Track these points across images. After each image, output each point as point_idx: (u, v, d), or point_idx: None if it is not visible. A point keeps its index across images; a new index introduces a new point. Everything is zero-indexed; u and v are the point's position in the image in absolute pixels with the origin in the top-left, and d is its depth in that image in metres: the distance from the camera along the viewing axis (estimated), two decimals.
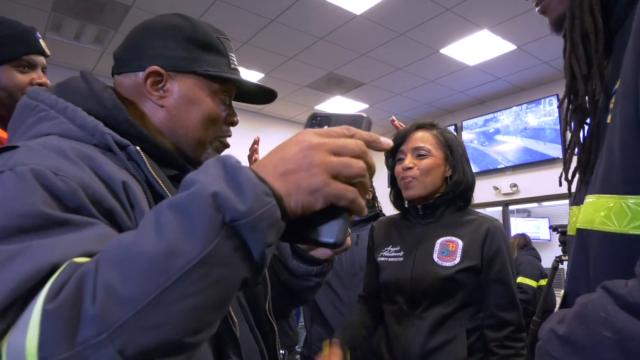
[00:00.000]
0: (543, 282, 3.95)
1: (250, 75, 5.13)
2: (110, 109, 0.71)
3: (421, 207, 1.40)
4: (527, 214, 7.06)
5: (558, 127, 5.25)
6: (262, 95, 0.91)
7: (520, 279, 3.86)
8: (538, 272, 4.07)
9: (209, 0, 3.81)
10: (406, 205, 1.46)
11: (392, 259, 1.40)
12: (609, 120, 0.60)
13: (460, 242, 1.32)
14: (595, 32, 0.65)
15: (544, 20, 1.02)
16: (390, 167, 1.46)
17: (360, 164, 0.51)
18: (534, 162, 5.47)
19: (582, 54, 0.67)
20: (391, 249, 1.42)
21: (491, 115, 5.98)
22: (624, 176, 0.53)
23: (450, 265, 1.28)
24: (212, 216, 0.44)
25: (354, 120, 0.58)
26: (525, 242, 4.57)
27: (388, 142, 0.59)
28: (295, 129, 7.04)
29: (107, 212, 0.58)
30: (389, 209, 1.97)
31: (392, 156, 1.46)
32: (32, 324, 0.42)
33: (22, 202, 0.51)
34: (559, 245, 2.69)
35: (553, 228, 2.65)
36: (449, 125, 6.45)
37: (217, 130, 0.82)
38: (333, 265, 0.96)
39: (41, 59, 1.35)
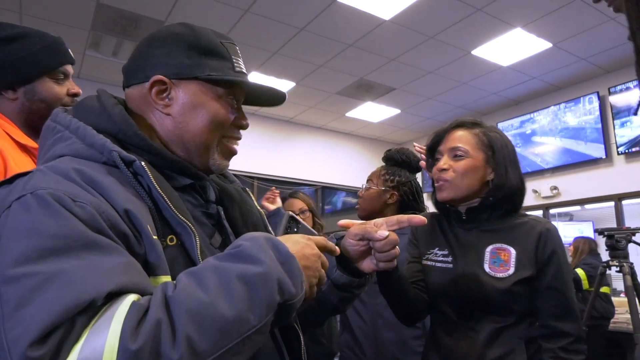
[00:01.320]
0: (605, 289, 3.73)
1: (282, 85, 5.17)
2: (120, 124, 0.74)
3: (465, 212, 1.29)
4: (569, 217, 6.80)
5: (599, 126, 5.05)
6: (273, 95, 0.90)
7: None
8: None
9: (238, 12, 3.88)
10: (447, 207, 1.35)
11: (439, 264, 1.28)
12: None
13: (512, 250, 1.20)
14: None
15: (580, 15, 1.00)
16: (430, 167, 1.37)
17: (325, 276, 0.74)
18: (574, 164, 5.27)
19: None
20: (438, 251, 1.31)
21: (527, 116, 5.82)
22: None
23: (504, 276, 1.17)
24: (274, 297, 0.58)
25: (312, 234, 0.78)
26: (590, 248, 4.28)
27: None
28: (327, 136, 7.05)
29: (123, 236, 0.61)
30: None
31: (431, 155, 1.37)
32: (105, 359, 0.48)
33: (50, 224, 0.55)
34: (606, 250, 2.56)
35: (599, 232, 2.53)
36: None
37: (223, 134, 0.82)
38: (373, 278, 0.96)
39: (71, 69, 1.37)
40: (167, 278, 0.64)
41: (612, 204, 5.00)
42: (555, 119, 5.51)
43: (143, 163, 0.69)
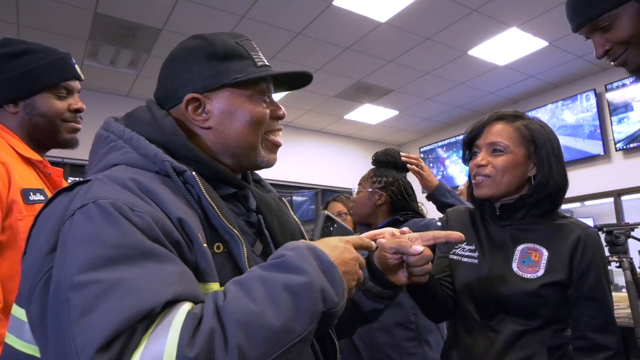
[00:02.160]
0: None
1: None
2: (170, 135, 0.76)
3: (499, 208, 1.22)
4: (570, 214, 6.81)
5: (597, 123, 5.07)
6: (299, 77, 0.91)
7: None
8: None
9: (235, 19, 3.90)
10: (481, 202, 1.30)
11: (465, 259, 1.23)
12: None
13: (545, 252, 1.14)
14: None
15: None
16: (468, 160, 1.31)
17: (362, 276, 0.75)
18: (573, 160, 5.28)
19: None
20: (466, 246, 1.26)
21: None
22: None
23: (532, 277, 1.11)
24: (318, 306, 0.60)
25: (349, 232, 0.79)
26: None
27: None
28: (326, 139, 7.07)
29: (176, 245, 0.64)
30: (432, 210, 1.94)
31: (469, 149, 1.31)
32: None
33: (112, 233, 0.58)
34: (606, 246, 2.58)
35: (598, 228, 2.54)
36: None
37: (265, 129, 0.84)
38: (402, 290, 0.98)
39: (77, 84, 1.38)
40: (216, 285, 0.66)
41: (611, 200, 5.02)
42: (553, 117, 5.53)
43: (194, 173, 0.72)
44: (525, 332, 1.12)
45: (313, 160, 6.85)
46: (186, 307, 0.55)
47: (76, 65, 1.39)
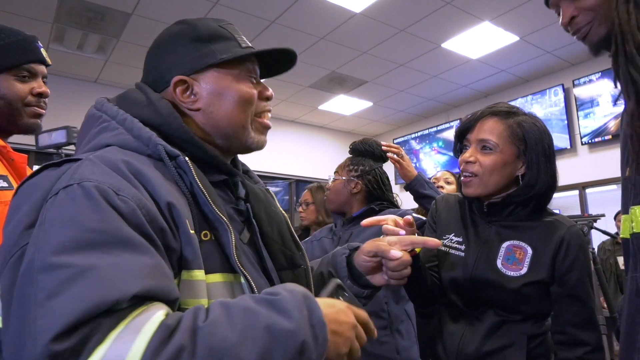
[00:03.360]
0: None
1: None
2: (166, 116, 0.76)
3: (486, 205, 1.22)
4: None
5: (565, 117, 5.21)
6: (283, 61, 0.91)
7: None
8: None
9: (208, 4, 3.82)
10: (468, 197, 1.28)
11: (453, 250, 1.24)
12: None
13: (529, 250, 1.14)
14: None
15: (545, 9, 1.03)
16: (459, 152, 1.28)
17: (359, 353, 0.69)
18: None
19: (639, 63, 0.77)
20: (453, 237, 1.25)
21: None
22: None
23: (515, 275, 1.12)
24: (293, 357, 0.57)
25: (358, 305, 0.75)
26: None
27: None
28: (300, 129, 7.04)
29: (160, 231, 0.63)
30: (406, 201, 1.95)
31: (460, 140, 1.27)
32: None
33: (91, 218, 0.57)
34: None
35: None
36: (455, 120, 6.42)
37: (254, 110, 0.83)
38: (380, 290, 0.99)
39: (42, 68, 1.33)
40: (200, 272, 0.66)
41: (576, 192, 5.18)
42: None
43: (187, 158, 0.72)
44: (506, 322, 1.14)
45: (287, 150, 6.81)
46: (160, 315, 0.54)
47: (42, 49, 1.33)
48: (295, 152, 6.94)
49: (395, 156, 1.89)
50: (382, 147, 1.85)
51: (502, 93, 5.93)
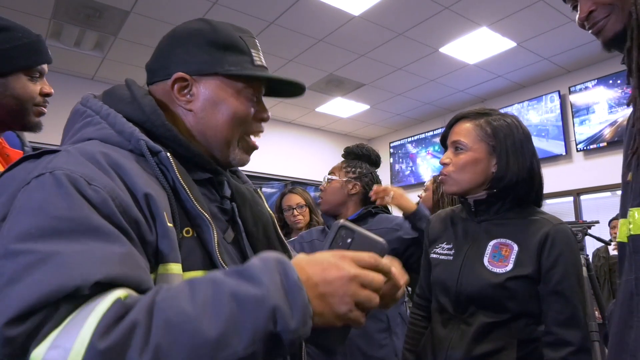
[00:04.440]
0: None
1: None
2: (149, 114, 0.75)
3: (473, 204, 1.27)
4: None
5: (560, 123, 5.23)
6: (291, 87, 0.91)
7: None
8: None
9: (207, 4, 3.82)
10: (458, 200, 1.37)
11: (443, 257, 1.29)
12: None
13: (515, 247, 1.18)
14: None
15: (543, 16, 1.04)
16: None
17: (377, 299, 0.60)
18: None
19: None
20: (444, 245, 1.31)
21: None
22: None
23: (500, 271, 1.15)
24: (265, 324, 0.52)
25: (375, 246, 0.65)
26: None
27: (403, 278, 0.73)
28: (297, 131, 7.04)
29: (133, 222, 0.61)
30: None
31: (445, 147, 1.37)
32: (74, 353, 0.47)
33: (58, 205, 0.56)
34: None
35: None
36: None
37: (246, 129, 0.83)
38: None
39: (46, 67, 1.34)
40: (177, 266, 0.65)
41: (571, 199, 5.20)
42: (519, 117, 5.66)
43: (168, 154, 0.71)
44: (495, 325, 1.15)
45: (283, 152, 6.81)
46: (116, 294, 0.52)
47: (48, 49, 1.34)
48: (292, 154, 6.93)
49: (387, 198, 1.74)
50: (371, 195, 1.76)
51: (499, 98, 5.95)
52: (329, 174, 1.89)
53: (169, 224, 0.65)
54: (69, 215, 0.55)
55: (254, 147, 0.86)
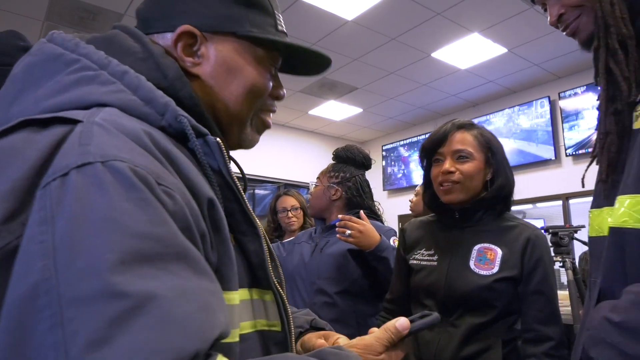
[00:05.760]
0: None
1: None
2: (172, 79, 0.57)
3: (458, 211, 1.31)
4: (523, 215, 7.09)
5: (550, 128, 5.29)
6: (311, 63, 0.76)
7: None
8: None
9: None
10: (440, 207, 1.38)
11: (425, 262, 1.32)
12: (636, 126, 0.65)
13: (499, 251, 1.23)
14: (630, 37, 0.71)
15: (533, 23, 1.06)
16: (426, 168, 1.38)
17: None
18: (527, 164, 5.51)
19: (622, 58, 0.71)
20: (424, 251, 1.34)
21: (484, 118, 6.02)
22: None
23: (487, 274, 1.21)
24: None
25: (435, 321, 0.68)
26: None
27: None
28: (290, 133, 7.06)
29: (201, 238, 0.46)
30: (387, 209, 1.97)
31: (428, 157, 1.37)
32: None
33: (138, 217, 0.38)
34: (551, 247, 2.71)
35: (545, 229, 2.67)
36: None
37: (261, 105, 0.68)
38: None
39: None
40: (237, 294, 0.53)
41: (560, 203, 5.26)
42: (510, 121, 5.73)
43: (218, 139, 0.55)
44: (481, 326, 1.20)
45: (276, 154, 6.82)
46: None
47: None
48: (285, 156, 6.95)
49: (347, 232, 1.59)
50: (337, 229, 1.63)
51: (490, 103, 6.01)
52: (316, 178, 1.91)
53: (231, 240, 0.52)
54: (154, 232, 0.39)
55: (268, 126, 0.72)
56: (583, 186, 0.90)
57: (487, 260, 1.23)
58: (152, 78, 0.55)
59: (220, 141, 0.55)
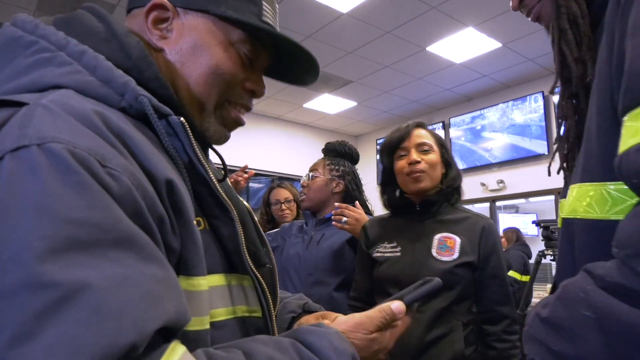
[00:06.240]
0: (525, 278, 4.02)
1: None
2: (136, 59, 0.54)
3: (419, 204, 1.43)
4: (515, 209, 7.14)
5: (544, 123, 5.32)
6: (299, 68, 0.72)
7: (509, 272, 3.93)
8: (522, 267, 4.15)
9: None
10: (401, 202, 1.50)
11: (388, 254, 1.41)
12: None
13: (458, 239, 1.35)
14: (581, 16, 0.68)
15: (528, 19, 1.04)
16: (388, 164, 1.48)
17: (389, 347, 0.65)
18: (520, 159, 5.53)
19: (571, 38, 0.69)
20: (387, 244, 1.43)
21: (478, 112, 6.04)
22: (602, 163, 0.53)
23: (449, 259, 1.32)
24: None
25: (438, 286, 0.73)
26: (517, 237, 4.63)
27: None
28: (284, 127, 7.04)
29: (159, 222, 0.44)
30: (377, 205, 1.98)
31: (390, 154, 1.47)
32: None
33: (74, 203, 0.36)
34: (542, 240, 2.74)
35: (537, 223, 2.70)
36: (437, 123, 6.50)
37: (229, 94, 0.63)
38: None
39: None
40: (204, 280, 0.50)
41: (552, 197, 5.30)
42: (504, 116, 5.75)
43: (182, 119, 0.52)
44: (443, 310, 1.30)
45: (270, 147, 6.81)
46: (178, 352, 0.38)
47: None
48: (279, 149, 6.94)
49: (344, 219, 1.64)
50: (334, 216, 1.68)
51: (484, 98, 6.02)
52: (310, 170, 1.90)
53: (194, 222, 0.49)
54: (91, 217, 0.36)
55: (237, 121, 0.67)
56: (549, 175, 0.88)
57: (447, 247, 1.34)
58: (115, 58, 0.53)
59: (185, 121, 0.52)
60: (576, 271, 0.58)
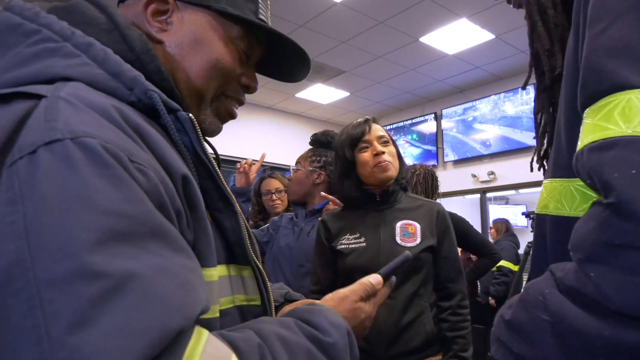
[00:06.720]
0: (516, 267, 4.06)
1: None
2: (139, 53, 0.54)
3: (379, 194, 1.47)
4: (505, 201, 7.20)
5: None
6: (291, 66, 0.75)
7: (502, 262, 3.96)
8: (515, 257, 4.20)
9: None
10: (361, 193, 1.53)
11: (353, 245, 1.43)
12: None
13: (417, 225, 1.43)
14: (553, 6, 0.66)
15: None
16: (350, 157, 1.47)
17: (373, 315, 0.73)
18: (511, 150, 5.57)
19: (542, 30, 0.68)
20: (350, 236, 1.46)
21: (470, 104, 6.06)
22: (571, 159, 0.50)
23: (413, 245, 1.38)
24: None
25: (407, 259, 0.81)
26: (506, 228, 4.67)
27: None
28: (276, 116, 7.01)
29: (177, 215, 0.46)
30: None
31: (352, 147, 1.48)
32: None
33: (112, 195, 0.37)
34: (531, 231, 2.76)
35: (526, 214, 2.72)
36: (429, 114, 6.51)
37: (225, 88, 0.66)
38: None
39: None
40: (215, 271, 0.52)
41: (542, 189, 5.34)
42: (495, 108, 5.77)
43: (190, 115, 0.53)
44: (413, 294, 1.37)
45: (262, 136, 6.78)
46: (207, 340, 0.40)
47: None
48: (271, 139, 6.91)
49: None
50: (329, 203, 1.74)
51: (476, 89, 6.04)
52: (295, 163, 1.90)
53: (207, 217, 0.51)
54: (128, 210, 0.38)
55: (231, 114, 0.69)
56: (531, 170, 0.88)
57: (410, 234, 1.41)
58: (118, 51, 0.52)
59: (193, 117, 0.54)
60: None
